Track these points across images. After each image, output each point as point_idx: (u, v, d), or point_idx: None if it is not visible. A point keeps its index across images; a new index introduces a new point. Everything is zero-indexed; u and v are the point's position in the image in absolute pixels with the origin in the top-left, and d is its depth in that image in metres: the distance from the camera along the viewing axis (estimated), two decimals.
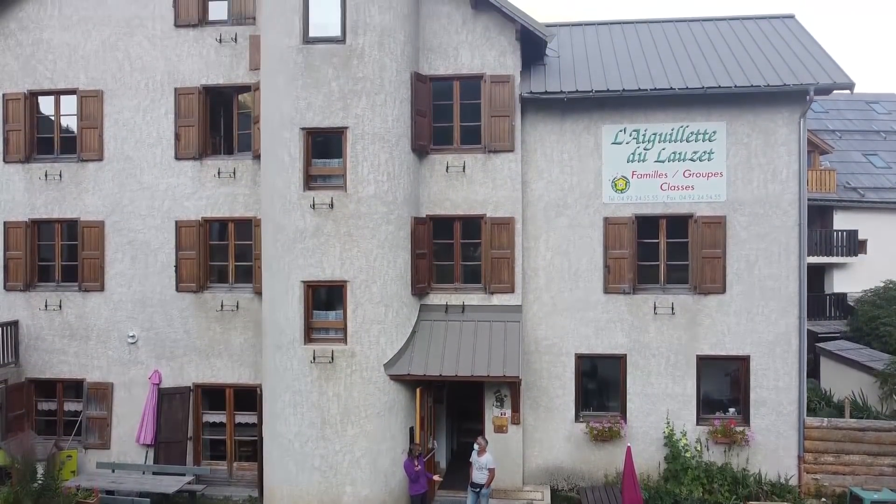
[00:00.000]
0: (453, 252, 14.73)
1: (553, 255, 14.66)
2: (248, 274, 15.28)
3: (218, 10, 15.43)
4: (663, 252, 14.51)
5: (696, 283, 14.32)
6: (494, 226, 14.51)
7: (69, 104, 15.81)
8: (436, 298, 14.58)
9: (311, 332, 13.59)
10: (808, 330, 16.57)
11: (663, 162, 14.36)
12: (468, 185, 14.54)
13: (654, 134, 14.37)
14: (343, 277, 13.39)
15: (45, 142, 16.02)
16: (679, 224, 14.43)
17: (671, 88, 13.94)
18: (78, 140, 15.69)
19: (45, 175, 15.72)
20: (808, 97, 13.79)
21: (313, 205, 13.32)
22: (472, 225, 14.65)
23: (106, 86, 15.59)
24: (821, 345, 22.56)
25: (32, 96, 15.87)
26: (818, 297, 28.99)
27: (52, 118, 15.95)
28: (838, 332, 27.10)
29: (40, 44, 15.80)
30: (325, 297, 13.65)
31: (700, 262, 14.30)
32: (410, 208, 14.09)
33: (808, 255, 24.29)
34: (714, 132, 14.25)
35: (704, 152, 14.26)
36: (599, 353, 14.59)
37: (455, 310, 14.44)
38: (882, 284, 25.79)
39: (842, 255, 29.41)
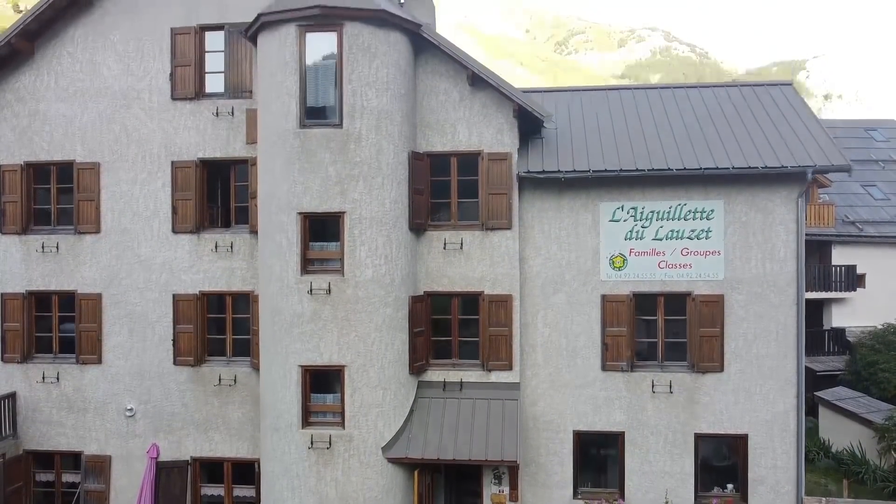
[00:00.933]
0: (451, 328, 14.72)
1: (551, 332, 14.66)
2: (246, 347, 15.27)
3: (215, 83, 15.39)
4: (661, 330, 14.51)
5: (694, 361, 14.32)
6: (492, 303, 14.49)
7: (66, 176, 15.77)
8: (434, 375, 14.58)
9: (308, 416, 13.57)
10: (805, 367, 16.57)
11: (661, 240, 14.35)
12: (466, 261, 14.53)
13: (652, 212, 14.36)
14: (341, 362, 13.38)
15: (42, 213, 15.98)
16: (677, 302, 14.43)
17: (669, 169, 13.94)
18: (75, 212, 15.65)
19: (43, 247, 15.69)
20: (806, 178, 13.78)
21: (311, 290, 13.30)
22: (470, 302, 14.64)
23: (103, 158, 15.56)
24: (819, 393, 22.59)
25: (29, 168, 15.83)
26: (817, 333, 29.04)
27: (49, 189, 15.91)
28: (837, 369, 27.17)
29: (37, 115, 15.76)
30: (322, 381, 13.63)
31: (698, 340, 14.30)
32: (408, 288, 14.08)
33: (807, 291, 24.28)
34: (712, 210, 14.24)
35: (702, 230, 14.26)
36: (598, 430, 14.59)
37: (453, 387, 14.44)
38: (881, 326, 25.85)
39: (840, 290, 29.48)
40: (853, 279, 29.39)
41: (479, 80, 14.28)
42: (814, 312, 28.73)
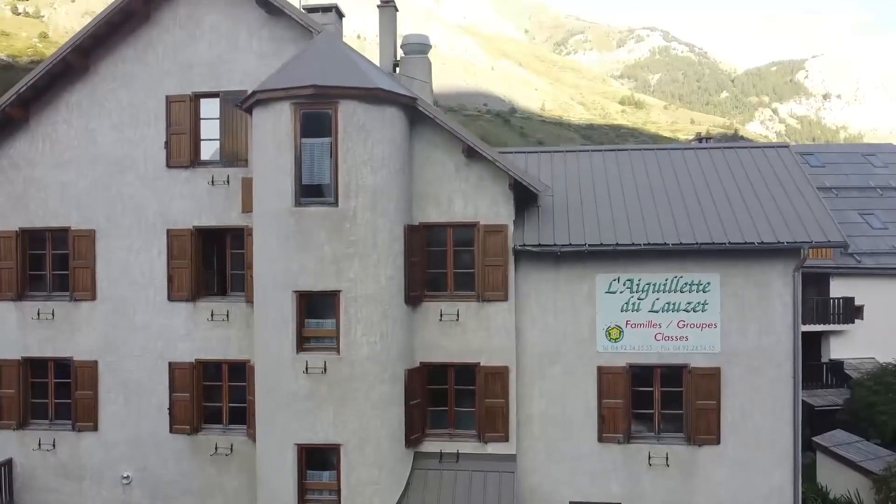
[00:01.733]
0: (447, 398, 14.71)
1: (547, 403, 14.64)
2: (243, 415, 15.24)
3: (210, 151, 15.37)
4: (657, 402, 14.50)
5: (690, 434, 14.32)
6: (488, 374, 14.47)
7: (62, 242, 15.74)
8: (430, 446, 14.54)
9: (304, 494, 13.55)
10: (803, 402, 16.48)
11: (657, 312, 14.33)
12: (462, 333, 14.50)
13: (648, 284, 14.34)
14: (337, 441, 13.36)
15: (37, 279, 15.96)
16: (673, 374, 14.42)
17: (665, 244, 13.92)
18: (70, 279, 15.63)
19: (38, 313, 15.67)
20: (802, 253, 13.77)
21: (306, 369, 13.27)
22: (466, 372, 14.62)
23: (98, 225, 15.53)
24: (817, 439, 22.56)
25: (24, 234, 15.81)
26: (815, 366, 29.04)
27: (45, 256, 15.89)
28: (835, 404, 27.20)
29: (32, 181, 15.73)
30: (318, 459, 13.60)
31: (694, 413, 14.28)
32: (404, 361, 14.07)
33: (804, 324, 24.09)
34: (708, 283, 14.22)
35: (698, 303, 14.24)
36: (594, 502, 14.53)
37: (449, 458, 14.41)
38: (882, 364, 25.86)
39: (839, 323, 29.48)
40: (851, 311, 29.40)
41: (474, 152, 14.25)
42: (812, 345, 28.76)
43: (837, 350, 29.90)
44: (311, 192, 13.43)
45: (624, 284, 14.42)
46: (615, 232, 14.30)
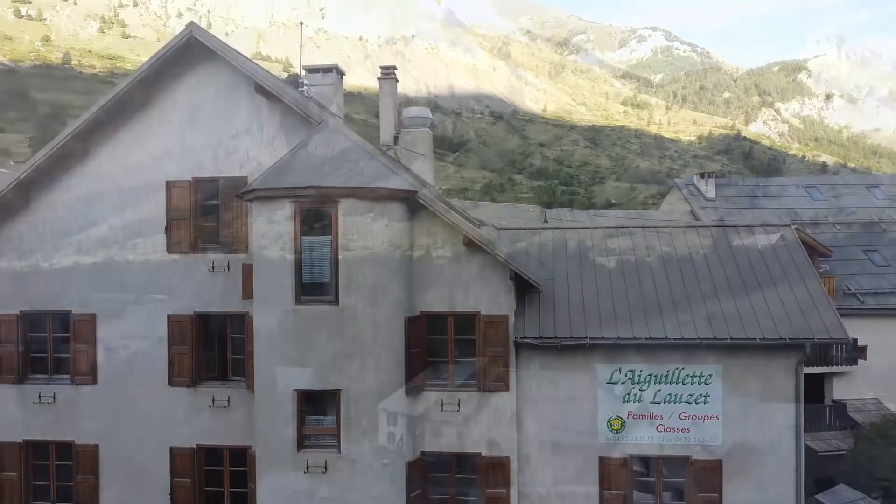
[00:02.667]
0: (448, 488, 14.68)
1: (549, 493, 14.61)
2: (244, 501, 15.21)
3: (210, 236, 15.33)
4: (659, 493, 14.47)
5: None
6: (490, 465, 14.46)
7: (63, 326, 15.73)
8: None
9: None
10: (805, 446, 16.37)
11: (659, 403, 14.30)
12: (463, 423, 14.49)
13: (650, 375, 14.31)
14: None
15: (38, 362, 15.96)
16: (675, 466, 14.40)
17: (667, 338, 13.88)
18: (71, 363, 15.61)
19: (39, 397, 15.66)
20: (805, 348, 13.73)
21: (307, 468, 13.27)
22: (467, 463, 14.60)
23: (99, 309, 15.51)
24: (819, 497, 22.50)
25: (25, 317, 15.80)
26: (818, 409, 28.94)
27: (46, 339, 15.88)
28: (838, 449, 27.10)
29: (32, 265, 15.70)
30: None
31: None
32: (405, 454, 14.05)
33: (806, 366, 24.19)
34: (710, 375, 14.18)
35: (700, 395, 14.20)
36: None
37: None
38: (884, 414, 25.81)
39: (842, 364, 29.35)
40: (854, 352, 29.27)
41: (474, 244, 14.20)
42: (815, 386, 28.66)
43: (840, 391, 29.79)
44: (311, 289, 13.41)
45: (626, 375, 14.38)
46: (616, 324, 14.26)
